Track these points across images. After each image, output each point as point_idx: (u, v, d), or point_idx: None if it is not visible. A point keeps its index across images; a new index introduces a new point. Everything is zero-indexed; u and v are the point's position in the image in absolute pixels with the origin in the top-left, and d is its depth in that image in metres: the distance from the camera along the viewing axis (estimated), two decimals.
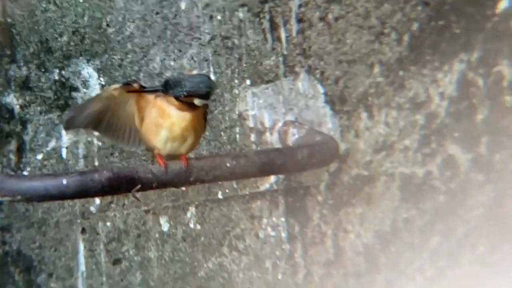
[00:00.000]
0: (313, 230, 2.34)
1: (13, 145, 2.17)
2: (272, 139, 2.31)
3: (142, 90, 1.89)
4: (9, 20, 2.14)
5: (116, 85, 1.90)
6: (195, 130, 1.91)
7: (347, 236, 2.36)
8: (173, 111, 1.86)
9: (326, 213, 2.35)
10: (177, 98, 1.84)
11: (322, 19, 2.30)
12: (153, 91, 1.89)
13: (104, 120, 1.94)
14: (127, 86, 1.88)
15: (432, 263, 2.38)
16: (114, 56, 2.22)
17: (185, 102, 1.85)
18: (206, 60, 2.27)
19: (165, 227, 2.28)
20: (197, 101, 1.86)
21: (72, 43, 2.19)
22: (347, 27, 2.31)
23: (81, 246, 2.22)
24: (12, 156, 2.17)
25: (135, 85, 1.89)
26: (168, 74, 2.23)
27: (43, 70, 2.18)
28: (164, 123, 1.88)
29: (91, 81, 2.21)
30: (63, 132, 2.20)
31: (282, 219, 2.33)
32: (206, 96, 1.86)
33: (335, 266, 2.36)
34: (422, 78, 2.35)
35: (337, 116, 2.33)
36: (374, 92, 2.34)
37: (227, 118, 2.29)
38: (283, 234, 2.34)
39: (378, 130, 2.35)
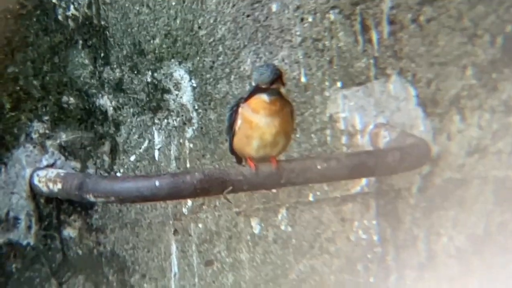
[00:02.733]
0: (405, 233, 2.33)
1: (106, 147, 2.18)
2: (363, 142, 2.30)
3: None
4: (103, 22, 2.16)
5: None
6: (286, 132, 1.91)
7: (440, 239, 2.34)
8: (261, 120, 1.87)
9: (418, 216, 2.33)
10: (272, 83, 1.85)
11: (414, 21, 2.30)
12: (253, 93, 1.89)
13: None
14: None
15: None
16: (206, 58, 2.22)
17: (277, 95, 1.86)
18: (297, 62, 2.27)
19: (256, 229, 2.28)
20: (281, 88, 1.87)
21: (164, 46, 2.20)
22: (440, 29, 2.30)
23: (174, 247, 2.23)
24: (105, 158, 2.18)
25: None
26: None
27: (136, 72, 2.19)
28: (254, 133, 1.89)
29: (182, 83, 2.22)
30: (156, 133, 2.21)
31: (374, 222, 2.32)
32: (281, 77, 1.87)
33: (427, 270, 2.34)
34: None
35: (429, 119, 2.32)
36: (467, 94, 2.33)
37: (317, 121, 2.29)
38: (375, 237, 2.33)
39: (470, 133, 2.33)
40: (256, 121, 1.87)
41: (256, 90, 1.86)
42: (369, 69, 2.30)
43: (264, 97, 1.85)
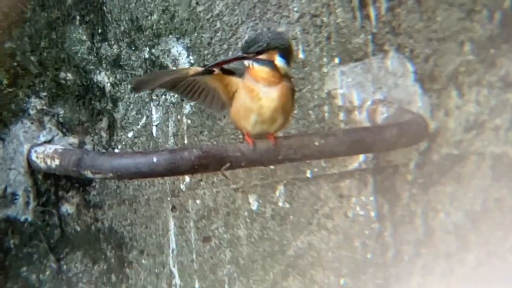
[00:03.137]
0: (403, 209, 2.34)
1: (104, 123, 2.18)
2: (361, 118, 2.30)
3: (223, 68, 1.89)
4: None
5: (195, 69, 1.90)
6: (285, 110, 1.89)
7: (437, 215, 2.35)
8: (262, 90, 1.85)
9: (416, 192, 2.34)
10: (259, 53, 1.83)
11: None
12: (234, 59, 1.89)
13: (180, 87, 1.93)
14: (207, 71, 1.89)
15: None
16: (203, 35, 2.22)
17: (269, 67, 1.83)
18: (295, 39, 2.26)
19: (254, 205, 2.28)
20: (279, 61, 1.84)
21: (162, 22, 2.19)
22: (438, 5, 2.30)
23: (172, 224, 2.23)
24: (103, 134, 2.18)
25: (216, 71, 1.89)
26: None
27: (133, 48, 2.19)
28: (253, 106, 1.86)
29: (180, 60, 2.21)
30: (154, 110, 2.20)
31: (371, 198, 2.33)
32: (286, 52, 1.85)
33: (424, 246, 2.35)
34: None
35: (427, 95, 2.32)
36: (465, 70, 2.33)
37: (315, 97, 2.29)
38: (372, 213, 2.33)
39: (468, 109, 2.34)
40: (257, 91, 1.85)
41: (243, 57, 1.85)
42: (367, 45, 2.29)
43: (254, 65, 1.85)
